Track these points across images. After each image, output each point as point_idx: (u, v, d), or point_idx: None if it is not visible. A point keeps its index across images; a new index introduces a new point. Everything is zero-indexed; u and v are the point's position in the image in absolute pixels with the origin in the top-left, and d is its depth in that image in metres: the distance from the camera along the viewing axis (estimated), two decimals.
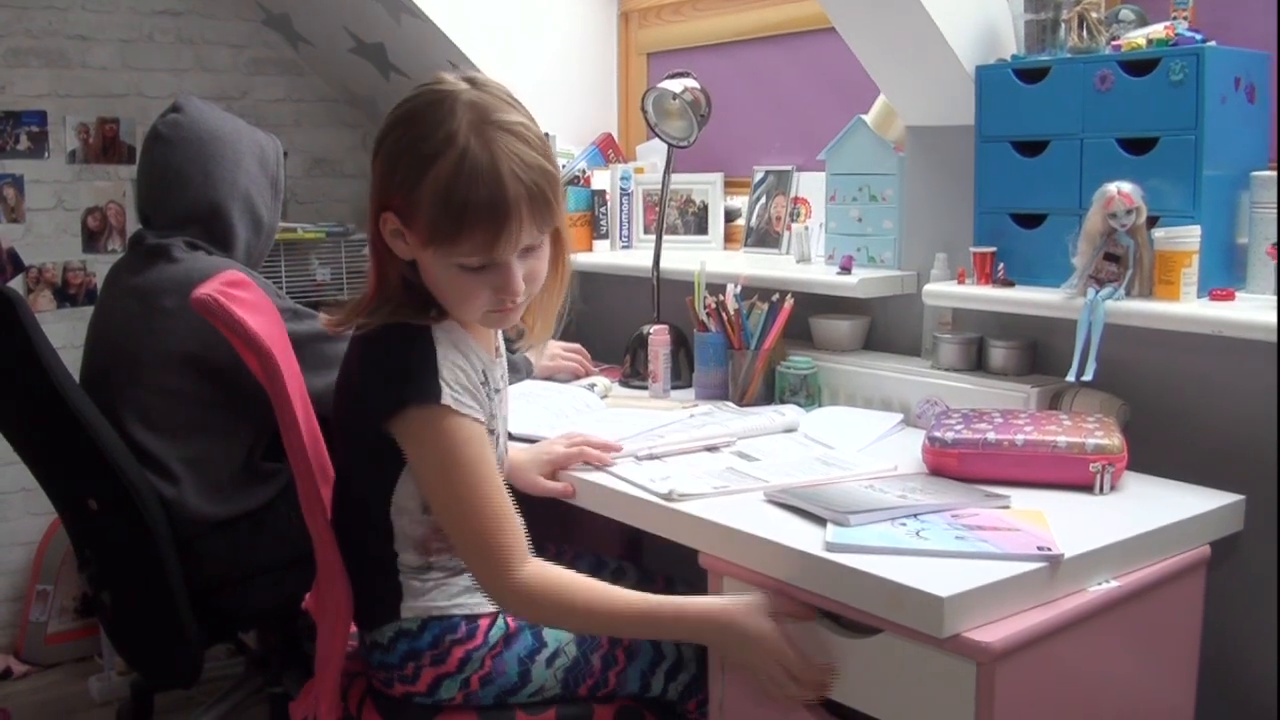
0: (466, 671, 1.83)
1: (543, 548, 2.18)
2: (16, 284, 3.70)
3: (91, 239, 3.86)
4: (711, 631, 1.73)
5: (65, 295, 3.82)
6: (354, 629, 1.93)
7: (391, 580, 1.86)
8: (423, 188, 1.64)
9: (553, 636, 1.87)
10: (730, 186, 3.30)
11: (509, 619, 1.87)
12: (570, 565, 2.16)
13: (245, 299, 1.94)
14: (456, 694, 1.84)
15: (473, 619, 1.85)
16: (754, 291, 2.65)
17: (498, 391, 1.88)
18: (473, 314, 1.77)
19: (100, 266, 3.79)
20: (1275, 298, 2.03)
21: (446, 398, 1.70)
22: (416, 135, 1.66)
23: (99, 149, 3.85)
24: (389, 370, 1.74)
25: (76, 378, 2.49)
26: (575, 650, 1.88)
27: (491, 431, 1.81)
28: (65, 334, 3.64)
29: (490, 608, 1.86)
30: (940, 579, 1.54)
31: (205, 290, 1.88)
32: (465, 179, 1.62)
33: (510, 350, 2.01)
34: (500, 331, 1.94)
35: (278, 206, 2.78)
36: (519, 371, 2.75)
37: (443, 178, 1.63)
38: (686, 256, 3.01)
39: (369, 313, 1.77)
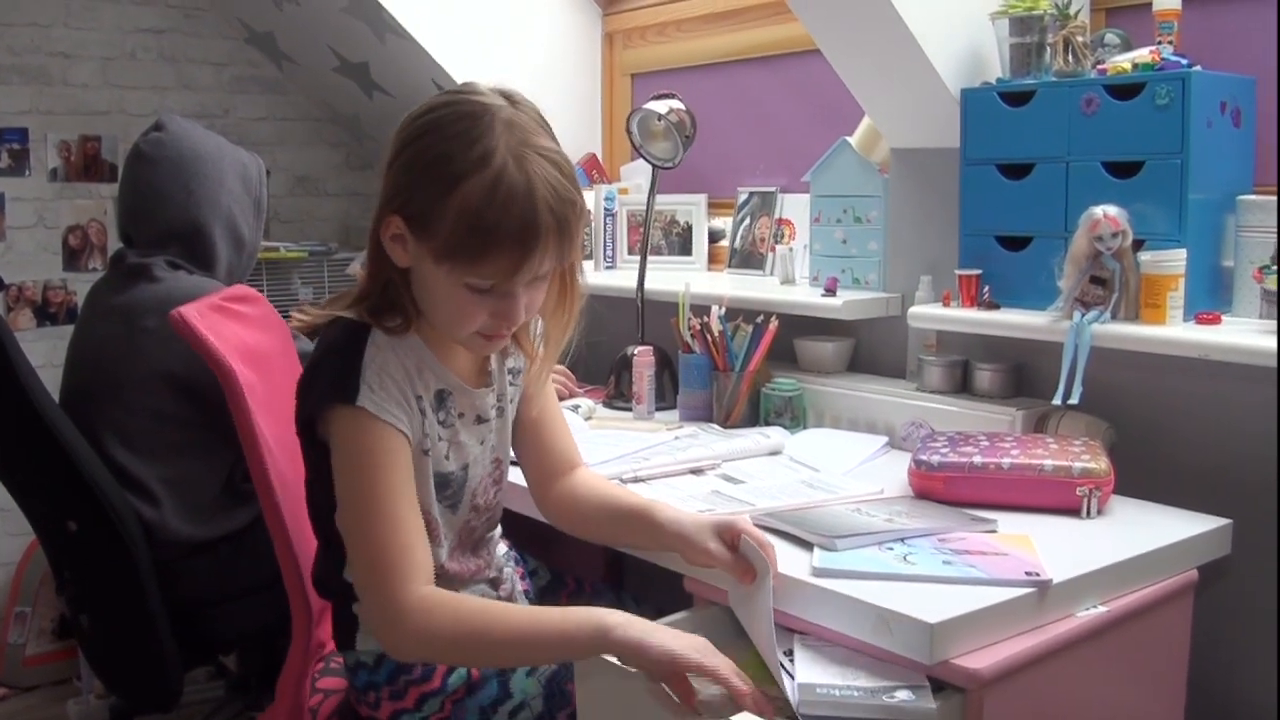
0: (425, 711, 1.80)
1: (562, 582, 2.16)
2: None
3: (72, 257, 3.84)
4: (596, 639, 1.55)
5: (45, 314, 3.80)
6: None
7: (347, 609, 1.82)
8: (448, 202, 1.58)
9: (519, 689, 1.80)
10: (714, 207, 3.30)
11: (471, 670, 1.80)
12: (589, 603, 2.14)
13: (246, 314, 1.94)
14: None
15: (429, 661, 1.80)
16: (738, 313, 2.65)
17: (462, 417, 1.80)
18: (461, 333, 1.71)
19: (81, 285, 3.76)
20: (1262, 321, 2.04)
21: (363, 399, 1.63)
22: (448, 147, 1.60)
23: (80, 167, 3.83)
24: (317, 368, 1.70)
25: (55, 397, 2.47)
26: (541, 705, 1.81)
27: (426, 450, 1.74)
28: (45, 353, 3.62)
29: None
30: (929, 605, 1.53)
31: (193, 305, 1.88)
32: (500, 203, 1.57)
33: (517, 374, 1.96)
34: (500, 360, 1.90)
35: (260, 226, 2.77)
36: None
37: (474, 197, 1.57)
38: (670, 277, 3.00)
39: (346, 307, 1.73)
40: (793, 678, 1.54)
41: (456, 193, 1.58)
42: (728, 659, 1.50)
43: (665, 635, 1.51)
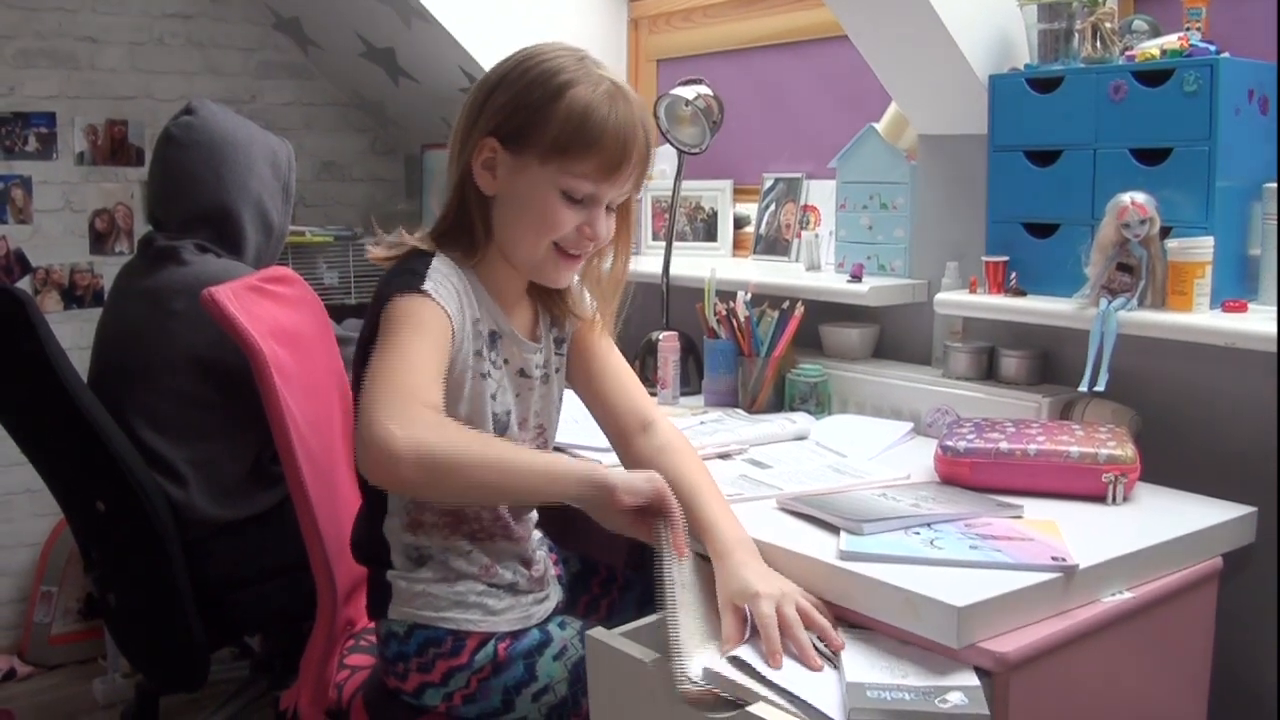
0: (451, 686, 1.82)
1: (594, 570, 2.17)
2: (23, 285, 3.70)
3: (99, 241, 3.86)
4: (589, 470, 1.65)
5: (72, 297, 3.82)
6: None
7: (381, 575, 1.86)
8: (559, 104, 1.71)
9: (544, 672, 1.83)
10: (739, 193, 3.30)
11: (499, 645, 1.83)
12: (620, 596, 2.14)
13: (283, 294, 1.97)
14: (440, 704, 1.84)
15: (459, 635, 1.82)
16: (764, 299, 2.65)
17: (507, 363, 1.85)
18: (542, 245, 1.78)
19: (108, 268, 3.79)
20: (1277, 309, 2.03)
21: (426, 285, 1.69)
22: (555, 66, 1.74)
23: (107, 151, 3.85)
24: (382, 286, 1.75)
25: (84, 379, 2.49)
26: (565, 690, 1.83)
27: (485, 374, 1.80)
28: (72, 335, 3.63)
29: (478, 627, 1.83)
30: (955, 588, 1.54)
31: (226, 286, 1.90)
32: (609, 106, 1.72)
33: (560, 343, 1.99)
34: (548, 328, 1.94)
35: (289, 210, 2.79)
36: None
37: (585, 97, 1.71)
38: (695, 263, 3.01)
39: (419, 239, 1.82)
40: (836, 668, 1.54)
41: (568, 95, 1.72)
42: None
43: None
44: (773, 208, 3.11)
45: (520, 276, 1.87)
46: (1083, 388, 2.10)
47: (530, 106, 1.73)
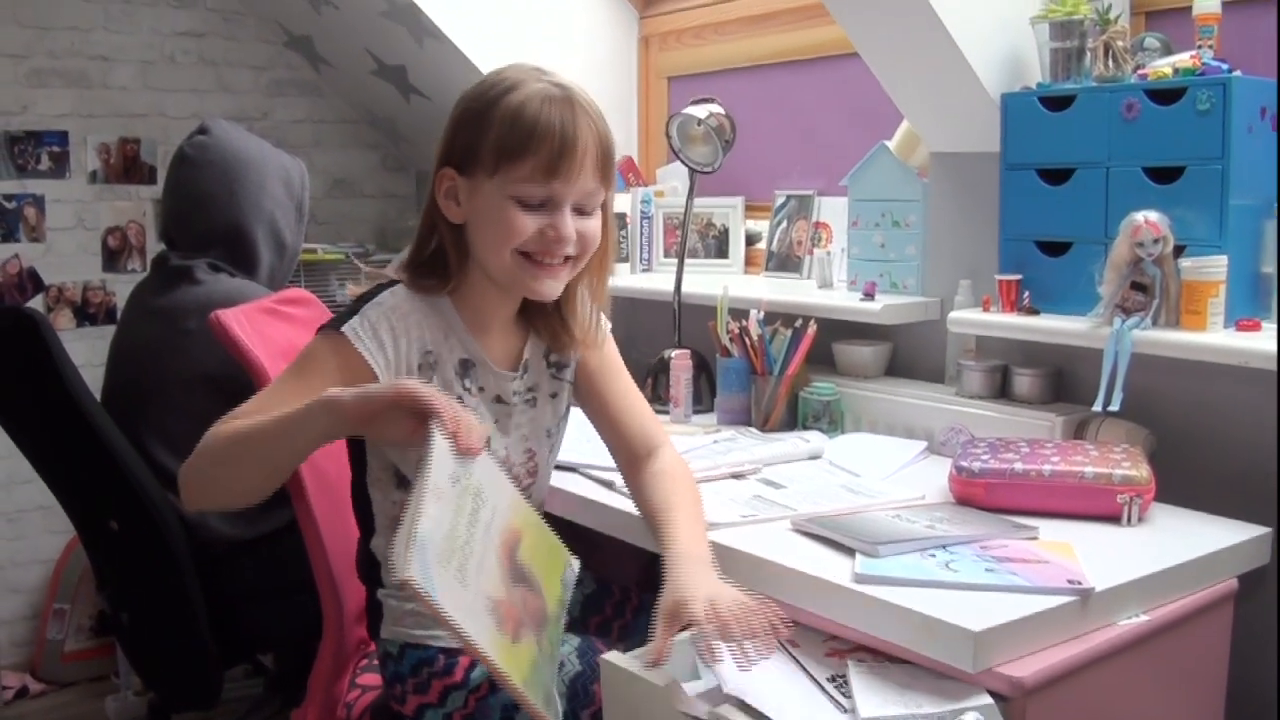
0: (449, 706, 1.81)
1: (608, 591, 2.15)
2: (36, 303, 3.71)
3: (112, 258, 3.87)
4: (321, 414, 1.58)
5: (85, 314, 3.83)
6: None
7: (375, 598, 1.87)
8: (495, 111, 1.70)
9: None
10: (751, 210, 3.30)
11: None
12: (633, 619, 2.11)
13: (297, 315, 1.97)
14: None
15: (450, 653, 1.82)
16: (776, 316, 2.65)
17: (482, 391, 1.85)
18: (506, 258, 1.74)
19: (120, 286, 3.80)
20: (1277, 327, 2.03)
21: (348, 327, 1.70)
22: (497, 79, 1.74)
23: (120, 169, 3.86)
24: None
25: (96, 397, 2.49)
26: (564, 705, 1.80)
27: None
28: (84, 353, 3.63)
29: None
30: (971, 612, 1.53)
31: (239, 309, 1.90)
32: (540, 101, 1.69)
33: (561, 368, 1.98)
34: (541, 351, 1.93)
35: (302, 229, 2.80)
36: None
37: (516, 101, 1.69)
38: (707, 280, 3.01)
39: (394, 271, 1.83)
40: (845, 710, 1.53)
41: (500, 105, 1.70)
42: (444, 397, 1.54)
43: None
44: (784, 225, 3.10)
45: (508, 303, 1.86)
46: (1097, 407, 2.09)
47: (472, 123, 1.73)
